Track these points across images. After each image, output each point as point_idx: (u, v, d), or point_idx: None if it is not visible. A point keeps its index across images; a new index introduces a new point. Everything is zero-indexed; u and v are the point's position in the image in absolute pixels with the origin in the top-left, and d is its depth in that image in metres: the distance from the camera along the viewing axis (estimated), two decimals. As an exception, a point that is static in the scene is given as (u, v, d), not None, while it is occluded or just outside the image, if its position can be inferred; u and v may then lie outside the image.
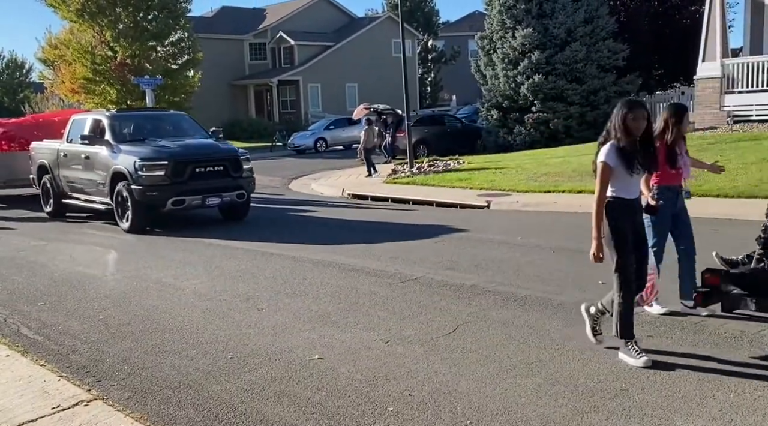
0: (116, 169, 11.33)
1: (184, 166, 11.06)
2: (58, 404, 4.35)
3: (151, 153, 11.20)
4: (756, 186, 11.19)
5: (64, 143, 13.08)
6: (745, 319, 5.32)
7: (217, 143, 12.76)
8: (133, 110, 13.25)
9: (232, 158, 11.71)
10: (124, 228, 11.32)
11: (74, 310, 6.72)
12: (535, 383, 4.36)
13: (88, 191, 12.44)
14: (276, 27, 45.08)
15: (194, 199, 11.18)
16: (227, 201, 11.61)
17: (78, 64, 31.43)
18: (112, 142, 11.68)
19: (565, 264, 7.70)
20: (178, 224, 11.91)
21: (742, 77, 17.80)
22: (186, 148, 11.69)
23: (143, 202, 11.01)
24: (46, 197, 13.79)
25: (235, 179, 11.57)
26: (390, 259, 8.35)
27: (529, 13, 21.89)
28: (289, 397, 4.35)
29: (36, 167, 13.96)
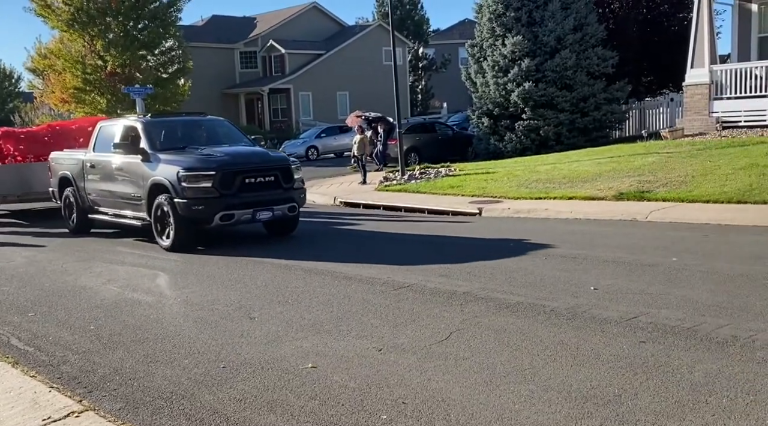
0: (155, 180, 10.21)
1: (233, 177, 9.97)
2: (49, 416, 4.31)
3: (196, 162, 10.09)
4: (745, 192, 11.27)
5: (90, 152, 12.02)
6: (738, 324, 5.35)
7: (267, 151, 11.79)
8: (168, 115, 12.19)
9: (283, 167, 10.63)
10: (164, 246, 10.23)
11: (65, 320, 6.67)
12: (528, 390, 4.36)
13: (119, 205, 11.32)
14: (266, 35, 45.12)
15: (244, 214, 10.05)
16: (278, 215, 10.44)
17: (68, 74, 31.31)
18: (149, 151, 10.51)
19: (557, 270, 7.72)
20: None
21: (731, 83, 17.93)
22: (234, 156, 10.57)
23: (188, 217, 9.90)
24: (68, 212, 12.71)
25: (287, 191, 10.52)
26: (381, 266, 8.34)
27: (518, 21, 21.99)
28: (282, 406, 4.33)
29: (57, 179, 12.92)
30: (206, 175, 9.85)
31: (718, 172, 12.71)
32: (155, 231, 10.35)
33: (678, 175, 12.96)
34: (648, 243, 8.92)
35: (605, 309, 5.97)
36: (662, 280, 7.00)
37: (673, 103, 23.20)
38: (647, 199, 12.00)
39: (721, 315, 5.61)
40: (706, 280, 6.87)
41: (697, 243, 8.81)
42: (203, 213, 9.87)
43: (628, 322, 5.58)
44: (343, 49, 45.59)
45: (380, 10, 52.80)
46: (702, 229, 9.69)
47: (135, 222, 10.97)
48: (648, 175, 13.42)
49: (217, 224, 10.03)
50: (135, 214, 10.89)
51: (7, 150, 15.34)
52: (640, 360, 4.74)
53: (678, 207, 11.22)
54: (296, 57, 44.36)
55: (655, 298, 6.29)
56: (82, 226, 12.39)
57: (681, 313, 5.71)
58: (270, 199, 10.26)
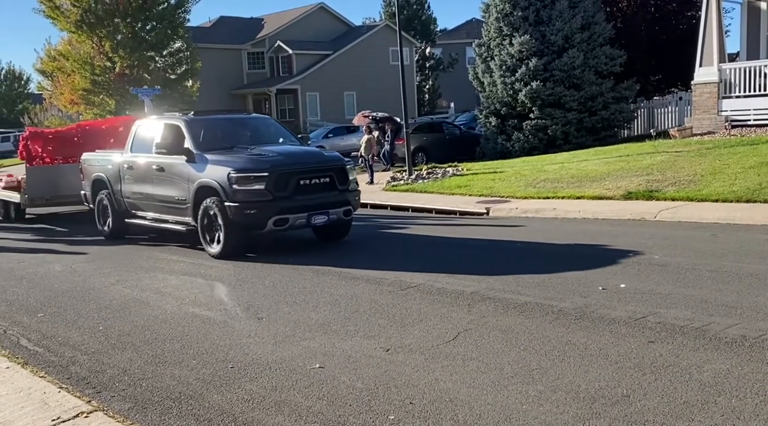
0: (202, 182, 9.53)
1: (288, 178, 9.29)
2: (58, 416, 4.34)
3: (248, 162, 9.39)
4: (755, 190, 11.21)
5: (127, 153, 11.27)
6: (747, 324, 5.32)
7: (321, 150, 11.15)
8: (211, 113, 11.50)
9: (338, 168, 9.92)
10: (212, 253, 9.52)
11: (74, 320, 6.71)
12: (536, 390, 4.35)
13: (159, 209, 10.59)
14: (274, 36, 45.19)
15: (299, 218, 9.33)
16: (333, 219, 9.72)
17: (77, 75, 31.49)
18: (195, 151, 9.82)
19: (565, 270, 7.70)
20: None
21: (740, 82, 17.83)
22: (287, 156, 9.92)
23: (239, 222, 9.22)
24: (102, 217, 11.94)
25: (342, 193, 9.84)
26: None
27: (526, 20, 21.93)
28: (289, 406, 4.34)
29: (90, 182, 12.17)
30: (259, 177, 9.14)
31: (727, 171, 12.64)
32: (202, 237, 9.67)
33: (687, 174, 12.90)
34: (656, 242, 8.88)
35: (613, 309, 5.95)
36: (671, 279, 6.97)
37: (681, 102, 23.08)
38: (656, 198, 11.95)
39: (731, 315, 5.58)
40: (715, 280, 6.84)
41: (706, 242, 8.77)
42: (256, 217, 9.17)
43: (637, 322, 5.57)
44: (351, 50, 45.60)
45: (387, 10, 52.76)
46: (711, 229, 9.64)
47: (178, 227, 10.24)
48: (656, 174, 13.37)
49: (271, 230, 9.34)
50: (178, 218, 10.19)
51: (35, 151, 14.75)
52: (649, 360, 4.72)
53: (687, 206, 11.17)
54: (303, 57, 44.41)
55: (664, 297, 6.26)
56: (118, 232, 11.70)
57: (690, 313, 5.69)
58: (325, 202, 9.58)
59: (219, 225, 9.34)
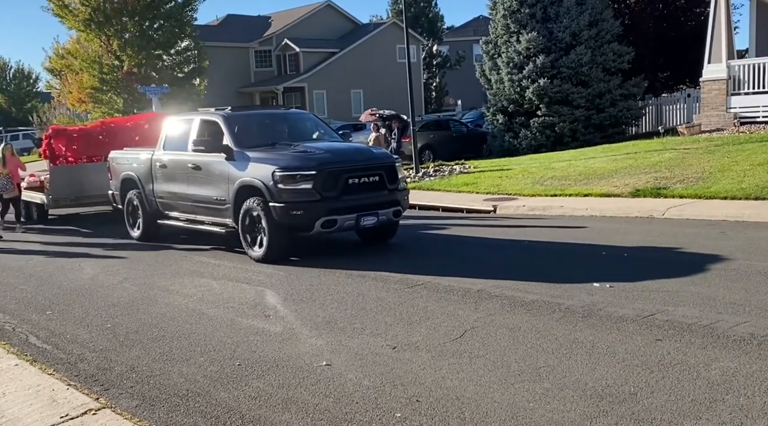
0: (244, 181, 9.01)
1: (336, 177, 8.75)
2: (66, 413, 4.36)
3: (294, 160, 8.86)
4: (764, 187, 11.14)
5: (160, 150, 10.77)
6: (755, 322, 5.30)
7: (369, 147, 10.59)
8: (248, 109, 10.70)
9: (388, 166, 9.38)
10: (254, 256, 9.00)
11: (82, 318, 6.74)
12: (543, 388, 4.34)
13: (195, 210, 10.08)
14: (281, 34, 45.22)
15: (347, 219, 8.78)
16: (383, 220, 9.18)
17: (85, 74, 31.60)
18: (235, 148, 9.31)
19: (570, 267, 7.68)
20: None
21: (748, 78, 17.73)
22: (335, 153, 9.35)
23: (285, 223, 8.71)
24: (132, 217, 11.46)
25: (392, 192, 9.28)
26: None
27: (533, 17, 21.87)
28: (296, 403, 4.35)
29: (119, 181, 11.66)
30: (306, 176, 8.61)
31: (735, 168, 12.58)
32: (243, 239, 9.16)
33: (695, 172, 12.84)
34: (664, 240, 8.85)
35: (621, 307, 5.94)
36: (679, 277, 6.95)
37: (690, 99, 22.97)
38: (664, 195, 11.90)
39: (739, 313, 5.56)
40: (723, 278, 6.81)
41: (715, 240, 8.74)
42: (303, 219, 8.64)
43: (644, 319, 5.55)
44: (357, 47, 45.58)
45: (394, 8, 52.67)
46: (719, 226, 9.60)
47: (215, 229, 9.75)
48: (665, 171, 13.31)
49: (318, 232, 8.77)
50: (216, 219, 9.70)
51: (58, 150, 14.24)
52: (656, 358, 4.71)
53: (695, 204, 11.12)
54: (310, 55, 44.42)
55: (672, 295, 6.24)
56: (149, 234, 11.20)
57: (698, 311, 5.67)
58: (375, 202, 9.04)
59: (262, 227, 8.84)
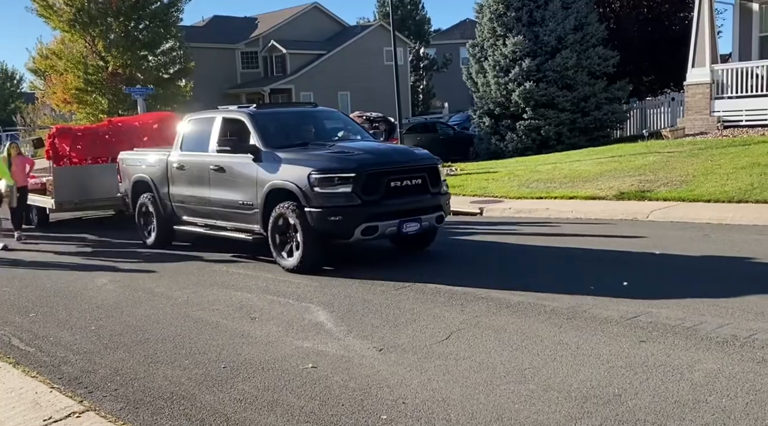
0: (275, 184, 8.31)
1: (378, 179, 8.04)
2: (50, 416, 4.33)
3: (332, 161, 8.18)
4: (746, 191, 11.26)
5: (177, 151, 10.09)
6: (738, 323, 5.35)
7: (410, 147, 9.87)
8: (274, 106, 9.99)
9: (431, 167, 8.72)
10: (286, 266, 8.28)
11: (66, 320, 6.69)
12: (528, 389, 4.36)
13: (216, 215, 9.35)
14: (268, 36, 45.12)
15: (389, 226, 8.06)
16: (425, 227, 8.50)
17: (70, 74, 31.35)
18: (263, 149, 8.63)
19: (555, 268, 7.72)
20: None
21: (732, 83, 17.91)
22: (375, 153, 8.66)
23: (322, 230, 8.00)
24: (145, 223, 10.75)
25: (435, 196, 8.61)
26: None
27: (519, 20, 21.97)
28: (282, 406, 4.34)
29: (130, 184, 10.95)
30: (345, 178, 7.90)
31: (719, 171, 12.70)
32: (273, 247, 8.43)
33: (679, 175, 12.95)
34: (648, 243, 8.91)
35: (605, 308, 5.97)
36: (662, 279, 7.00)
37: (674, 103, 23.15)
38: (648, 198, 11.99)
39: (722, 314, 5.61)
40: (706, 280, 6.88)
41: (698, 242, 8.81)
42: (342, 225, 7.93)
43: (629, 321, 5.59)
44: (345, 50, 45.56)
45: (381, 10, 52.79)
46: (703, 229, 9.68)
47: (239, 235, 9.06)
48: (649, 174, 13.41)
49: (358, 239, 8.10)
50: (240, 225, 9.00)
51: (62, 150, 13.42)
52: (640, 359, 4.74)
53: (679, 206, 11.22)
54: (297, 57, 44.35)
55: (656, 297, 6.29)
56: (163, 240, 10.49)
57: (681, 313, 5.72)
58: (418, 207, 8.36)
59: (295, 234, 8.15)
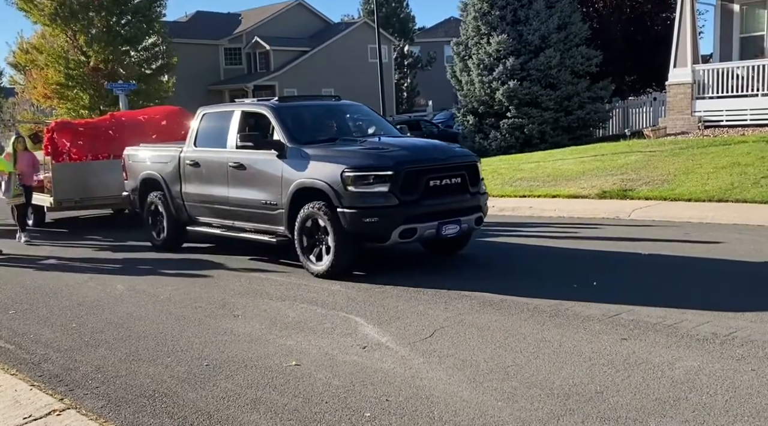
0: (303, 183, 7.75)
1: (416, 178, 7.46)
2: (30, 414, 4.28)
3: (367, 158, 7.64)
4: (726, 190, 11.39)
5: (190, 147, 9.49)
6: (718, 322, 5.41)
7: (448, 144, 9.43)
8: (298, 99, 9.53)
9: (471, 165, 8.12)
10: (315, 271, 7.75)
11: (46, 318, 6.63)
12: (511, 387, 4.38)
13: (235, 215, 8.77)
14: (251, 32, 44.92)
15: (428, 228, 7.49)
16: (465, 229, 7.93)
17: (50, 69, 31.02)
18: (289, 145, 8.08)
19: (546, 265, 7.77)
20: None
21: (713, 83, 18.08)
22: (412, 149, 8.03)
23: (356, 232, 7.44)
24: (154, 223, 10.14)
25: (474, 196, 8.04)
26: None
27: (503, 19, 22.04)
28: (265, 404, 4.33)
29: (138, 182, 10.32)
30: (382, 176, 7.34)
31: (699, 170, 12.82)
32: (300, 250, 7.89)
33: (660, 174, 13.07)
34: (629, 241, 8.99)
35: (587, 306, 6.02)
36: (643, 277, 7.06)
37: (656, 103, 23.35)
38: (630, 197, 12.09)
39: (702, 313, 5.67)
40: (686, 278, 6.95)
41: (679, 241, 8.90)
42: (378, 227, 7.36)
43: (611, 319, 5.63)
44: (329, 46, 45.47)
45: (366, 8, 52.67)
46: (683, 227, 9.78)
47: (261, 237, 8.47)
48: (631, 173, 13.52)
49: (395, 242, 7.53)
50: (262, 226, 8.44)
51: (62, 145, 12.86)
52: (622, 357, 4.78)
53: (660, 205, 11.32)
54: (281, 54, 44.20)
55: (637, 295, 6.34)
56: (174, 241, 9.96)
57: (662, 311, 5.77)
58: (457, 208, 7.81)
59: (326, 236, 7.63)
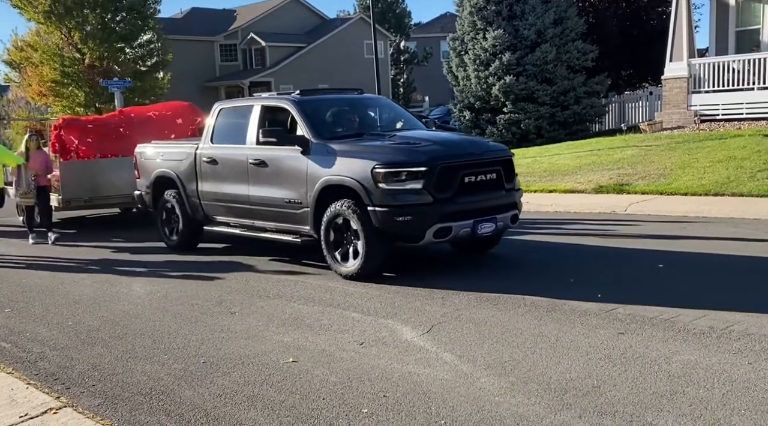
0: (330, 180, 7.41)
1: (451, 174, 7.12)
2: (26, 412, 4.27)
3: (398, 153, 7.27)
4: (723, 184, 11.41)
5: (207, 144, 9.16)
6: (714, 315, 5.42)
7: (482, 138, 8.67)
8: (319, 92, 9.39)
9: (506, 160, 7.78)
10: (344, 272, 7.41)
11: (42, 316, 6.61)
12: (508, 382, 4.38)
13: (257, 214, 8.41)
14: (247, 28, 44.82)
15: (463, 227, 7.12)
16: (500, 227, 7.61)
17: (45, 67, 30.91)
18: (314, 140, 7.74)
19: (537, 261, 7.77)
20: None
21: (709, 77, 18.09)
22: (445, 144, 7.71)
23: (388, 232, 7.09)
24: (168, 223, 9.82)
25: (509, 193, 7.71)
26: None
27: (499, 14, 22.02)
28: (262, 401, 4.32)
29: (151, 180, 9.96)
30: (415, 173, 6.99)
31: (696, 164, 12.84)
32: (327, 250, 7.56)
33: (657, 168, 13.08)
34: (626, 236, 8.99)
35: (584, 301, 6.02)
36: (640, 272, 7.07)
37: (652, 97, 23.35)
38: (626, 191, 12.11)
39: (699, 306, 5.67)
40: (683, 272, 6.96)
41: (675, 235, 8.91)
42: (412, 226, 7.00)
43: (607, 313, 5.64)
44: (325, 42, 45.40)
45: (361, 3, 52.59)
46: (680, 221, 9.79)
47: (284, 237, 8.16)
48: (627, 168, 13.53)
49: (429, 242, 7.15)
50: (285, 226, 8.10)
51: (69, 142, 12.54)
52: (619, 351, 4.78)
53: (657, 199, 11.34)
54: (277, 50, 44.11)
55: (634, 289, 6.35)
56: (189, 241, 9.66)
57: (659, 305, 5.77)
58: (493, 205, 7.47)
59: (355, 236, 7.30)
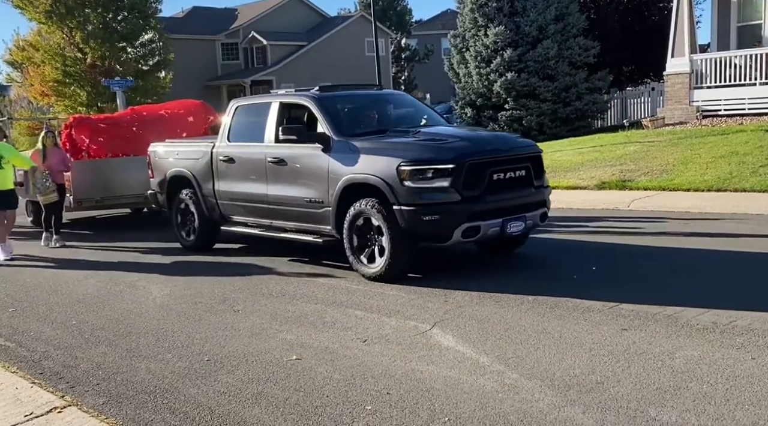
0: (354, 178, 7.16)
1: (480, 171, 6.84)
2: (31, 411, 4.29)
3: (425, 150, 7.01)
4: (725, 180, 11.40)
5: (223, 142, 8.92)
6: (718, 311, 5.41)
7: (510, 134, 8.82)
8: (338, 88, 9.09)
9: (535, 157, 7.51)
10: (368, 273, 7.17)
11: (46, 315, 6.62)
12: (512, 378, 4.38)
13: (276, 214, 8.19)
14: (248, 27, 44.83)
15: (492, 226, 6.86)
16: (530, 226, 7.36)
17: (47, 66, 30.97)
18: (335, 138, 7.49)
19: (539, 258, 7.77)
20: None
21: (710, 72, 18.05)
22: (473, 140, 7.36)
23: (414, 232, 6.84)
24: (183, 223, 9.63)
25: (539, 190, 7.46)
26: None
27: (500, 11, 21.99)
28: (266, 398, 4.33)
29: (166, 180, 9.75)
30: (442, 170, 6.73)
31: (698, 160, 12.82)
32: (351, 251, 7.31)
33: (659, 164, 13.06)
34: (629, 231, 8.99)
35: (587, 297, 6.01)
36: (643, 267, 7.06)
37: (654, 93, 23.31)
38: (629, 187, 12.09)
39: (702, 302, 5.67)
40: (686, 268, 6.95)
41: (678, 231, 8.90)
42: (439, 226, 6.74)
43: (610, 309, 5.64)
44: (326, 40, 45.40)
45: (362, 1, 52.56)
46: (682, 217, 9.78)
47: (304, 237, 7.92)
48: (629, 164, 13.51)
49: (457, 242, 6.87)
50: (306, 226, 7.88)
51: (81, 141, 12.34)
52: (622, 347, 4.78)
53: (659, 195, 11.33)
54: (278, 48, 44.12)
55: (637, 285, 6.35)
56: (206, 242, 9.48)
57: (662, 301, 5.77)
58: (522, 204, 7.21)
59: (379, 236, 7.06)
